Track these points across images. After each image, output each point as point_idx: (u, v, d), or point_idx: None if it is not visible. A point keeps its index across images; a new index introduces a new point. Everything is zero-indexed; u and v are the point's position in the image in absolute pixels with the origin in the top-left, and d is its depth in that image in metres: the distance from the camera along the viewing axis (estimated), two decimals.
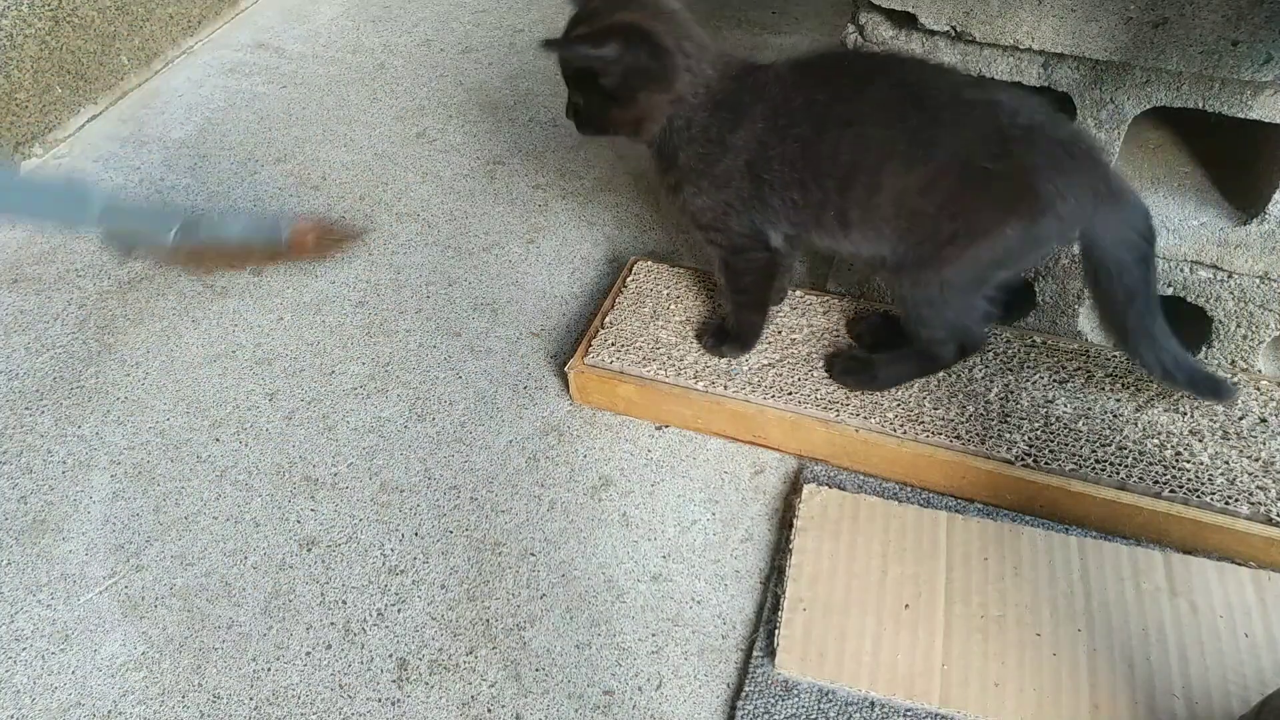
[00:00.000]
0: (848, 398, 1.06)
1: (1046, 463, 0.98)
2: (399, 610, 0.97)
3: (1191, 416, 1.02)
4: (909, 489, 1.03)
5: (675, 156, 0.96)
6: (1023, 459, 0.99)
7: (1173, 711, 0.84)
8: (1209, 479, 0.96)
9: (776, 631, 0.91)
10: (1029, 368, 1.08)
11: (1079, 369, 1.07)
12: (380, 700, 0.90)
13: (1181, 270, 1.04)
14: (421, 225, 1.44)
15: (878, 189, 0.89)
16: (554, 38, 0.90)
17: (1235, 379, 1.05)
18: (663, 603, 0.97)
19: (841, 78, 0.91)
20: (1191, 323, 1.10)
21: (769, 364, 1.10)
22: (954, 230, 0.88)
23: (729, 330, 1.11)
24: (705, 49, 0.93)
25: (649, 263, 1.25)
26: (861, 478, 1.05)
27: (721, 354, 1.11)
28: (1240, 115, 0.93)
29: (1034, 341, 1.10)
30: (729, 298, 1.08)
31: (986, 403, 1.05)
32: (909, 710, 0.86)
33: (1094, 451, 0.99)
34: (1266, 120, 0.93)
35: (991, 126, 0.85)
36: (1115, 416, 1.02)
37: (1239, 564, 0.94)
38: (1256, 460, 0.97)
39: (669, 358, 1.11)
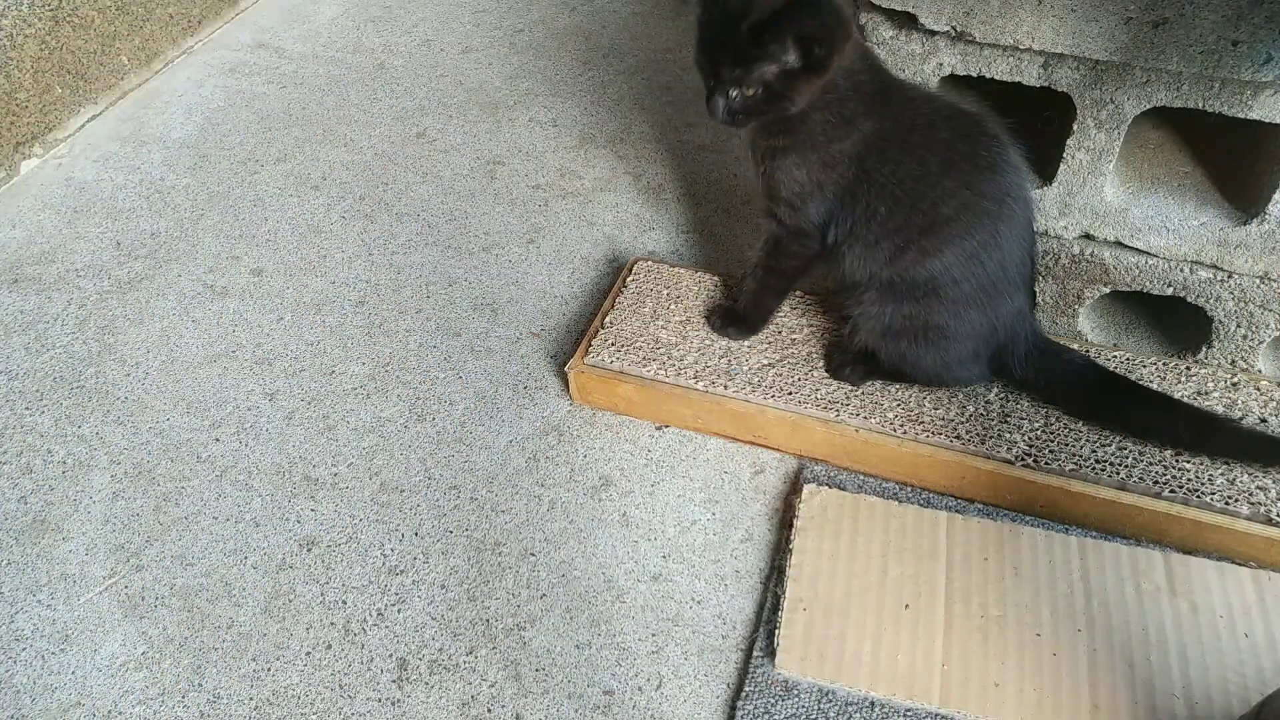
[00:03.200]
0: (848, 398, 1.06)
1: (1046, 463, 0.98)
2: (399, 610, 0.97)
3: None
4: (909, 489, 1.03)
5: (804, 120, 0.94)
6: (1023, 459, 0.99)
7: (1173, 711, 0.84)
8: (1209, 479, 0.96)
9: (776, 631, 0.91)
10: None
11: None
12: (380, 700, 0.90)
13: (1181, 270, 1.04)
14: (421, 225, 1.44)
15: (941, 253, 0.94)
16: (755, 17, 0.85)
17: (1235, 378, 1.05)
18: (663, 603, 0.97)
19: (983, 149, 0.94)
20: (1192, 323, 1.10)
21: (769, 364, 1.10)
22: (946, 320, 0.98)
23: (739, 313, 1.12)
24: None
25: (649, 263, 1.25)
26: (861, 478, 1.05)
27: (727, 335, 1.13)
28: (1240, 115, 0.93)
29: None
30: (758, 278, 1.09)
31: (986, 403, 1.05)
32: (909, 710, 0.86)
33: (1094, 451, 0.99)
34: (1266, 120, 0.93)
35: (1018, 272, 0.98)
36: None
37: (1239, 564, 0.94)
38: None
39: (669, 358, 1.11)
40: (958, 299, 0.96)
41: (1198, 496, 0.95)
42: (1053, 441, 1.00)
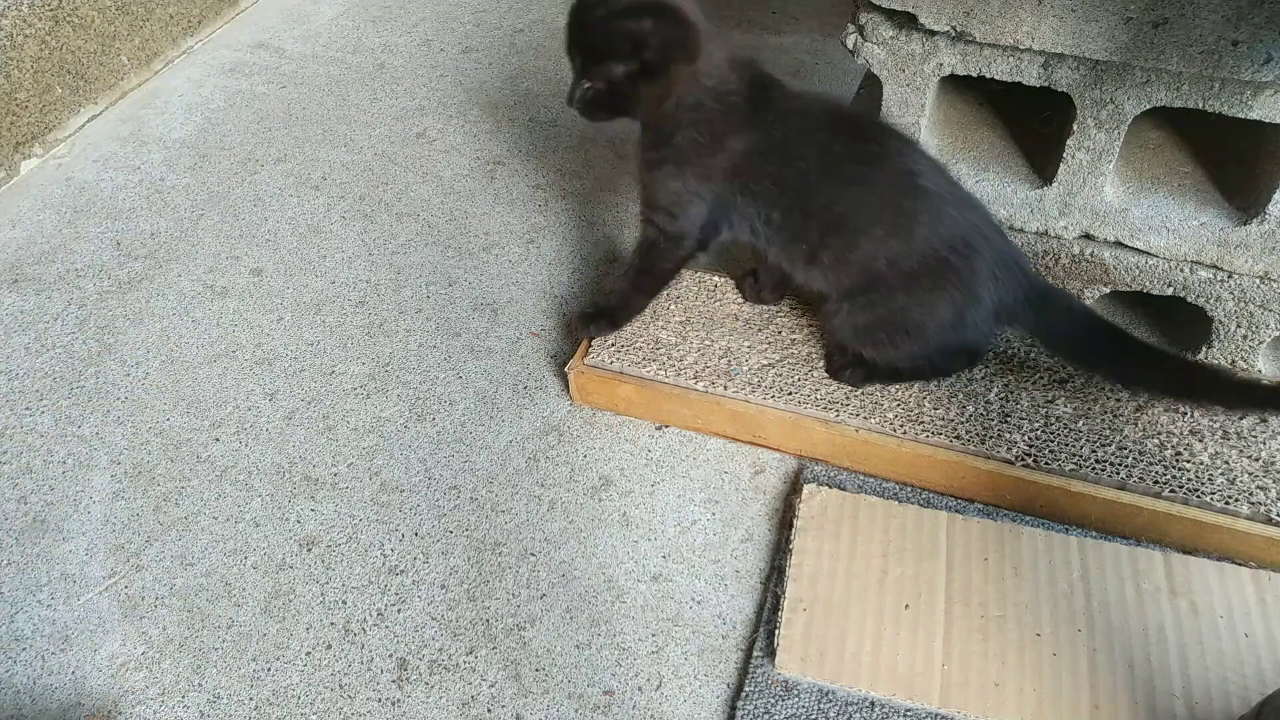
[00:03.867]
0: (848, 397, 1.06)
1: (1046, 463, 0.98)
2: (399, 610, 0.97)
3: (1191, 416, 1.02)
4: (909, 489, 1.03)
5: (672, 135, 0.99)
6: (1023, 459, 0.99)
7: (1173, 711, 0.84)
8: (1209, 479, 0.96)
9: (776, 631, 0.91)
10: (1029, 367, 1.08)
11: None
12: (380, 700, 0.90)
13: (1181, 270, 1.04)
14: (421, 225, 1.44)
15: (855, 246, 0.98)
16: (597, 15, 0.92)
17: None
18: (663, 603, 0.97)
19: (865, 143, 0.98)
20: (1192, 323, 1.10)
21: (769, 364, 1.10)
22: (906, 300, 0.99)
23: (608, 310, 1.14)
24: (716, 34, 0.98)
25: None
26: (861, 478, 1.05)
27: (589, 331, 1.13)
28: (1240, 115, 0.93)
29: (1034, 341, 1.10)
30: (630, 279, 1.12)
31: (986, 403, 1.05)
32: (909, 710, 0.86)
33: (1094, 451, 0.99)
34: (1266, 120, 0.93)
35: (960, 231, 0.96)
36: (1115, 416, 1.02)
37: (1239, 564, 0.94)
38: (1256, 460, 0.97)
39: (669, 358, 1.11)
40: (904, 280, 0.97)
41: (1198, 496, 0.95)
42: (1053, 441, 1.00)
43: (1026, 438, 1.01)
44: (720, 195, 1.01)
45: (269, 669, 0.93)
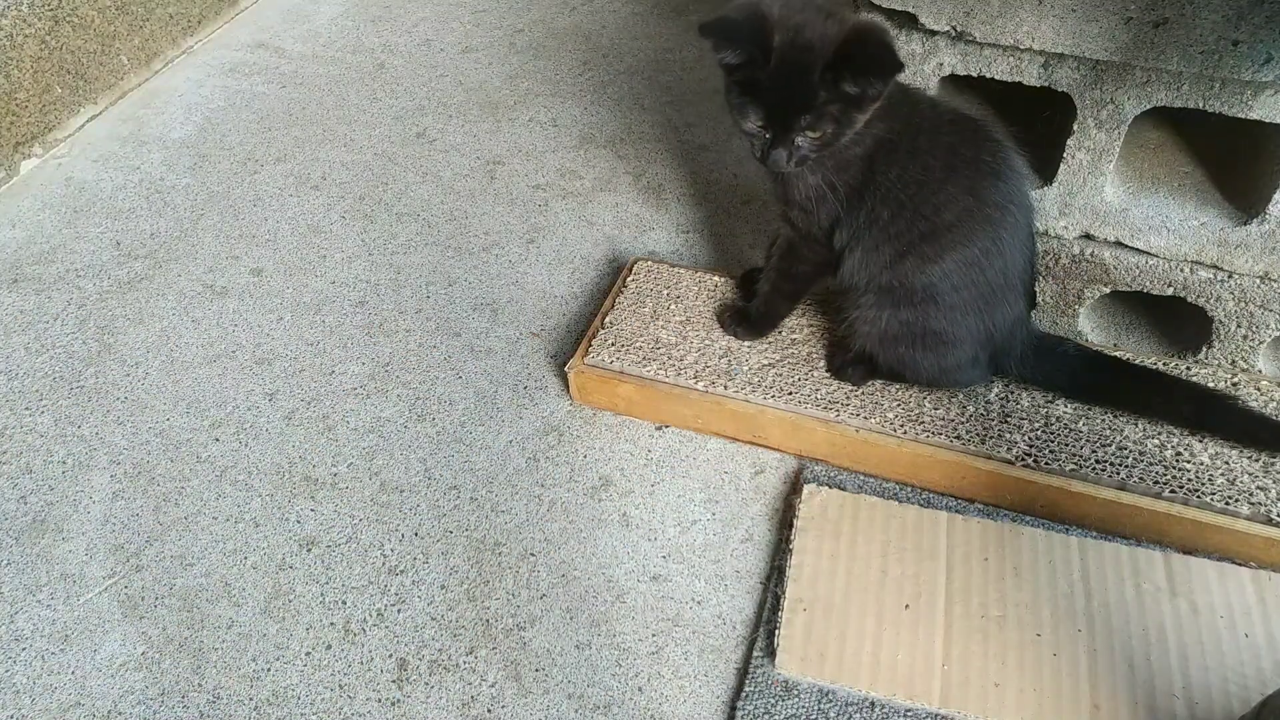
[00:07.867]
0: (848, 398, 1.06)
1: (1046, 463, 0.98)
2: (399, 610, 0.97)
3: None
4: (909, 489, 1.03)
5: None
6: (1023, 459, 0.99)
7: (1173, 711, 0.84)
8: (1209, 479, 0.96)
9: (776, 631, 0.91)
10: None
11: None
12: (380, 700, 0.90)
13: (1181, 270, 1.04)
14: (421, 225, 1.44)
15: (941, 259, 0.94)
16: (819, 56, 0.85)
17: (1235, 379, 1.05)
18: (663, 603, 0.97)
19: (985, 154, 0.94)
20: (1192, 323, 1.10)
21: (769, 364, 1.10)
22: (944, 326, 0.98)
23: (750, 314, 1.13)
24: None
25: (649, 263, 1.25)
26: (861, 478, 1.05)
27: (735, 334, 1.13)
28: (1240, 115, 0.93)
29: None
30: (771, 281, 1.09)
31: (986, 403, 1.05)
32: (909, 710, 0.86)
33: (1094, 451, 0.99)
34: (1266, 120, 0.93)
35: (1015, 278, 0.97)
36: (1115, 416, 1.02)
37: (1239, 564, 0.94)
38: (1256, 460, 0.97)
39: (669, 358, 1.11)
40: (956, 306, 0.96)
41: (1198, 496, 0.95)
42: (1053, 441, 1.00)
43: (1027, 438, 1.01)
44: (852, 184, 0.95)
45: (269, 669, 0.93)
